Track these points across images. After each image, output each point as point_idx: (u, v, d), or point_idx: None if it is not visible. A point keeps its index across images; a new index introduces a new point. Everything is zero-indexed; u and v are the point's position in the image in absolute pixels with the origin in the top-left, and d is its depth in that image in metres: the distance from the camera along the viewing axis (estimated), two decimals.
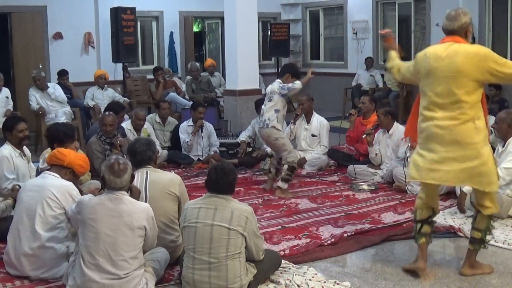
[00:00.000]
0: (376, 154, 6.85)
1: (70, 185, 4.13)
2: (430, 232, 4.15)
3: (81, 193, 4.33)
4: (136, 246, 3.58)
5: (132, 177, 3.74)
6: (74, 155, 4.28)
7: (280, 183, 6.28)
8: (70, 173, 4.22)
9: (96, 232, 3.52)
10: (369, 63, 12.21)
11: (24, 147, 5.32)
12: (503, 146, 5.32)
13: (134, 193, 3.90)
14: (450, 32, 3.94)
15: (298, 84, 6.12)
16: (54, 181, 4.12)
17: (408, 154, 6.32)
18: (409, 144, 6.05)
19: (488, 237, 4.13)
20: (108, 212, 3.55)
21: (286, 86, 6.11)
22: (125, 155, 6.01)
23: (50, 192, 4.02)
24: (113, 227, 3.52)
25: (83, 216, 3.59)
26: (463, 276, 4.07)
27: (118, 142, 6.36)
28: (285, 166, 6.39)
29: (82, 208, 3.63)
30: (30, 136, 5.80)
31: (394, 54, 4.31)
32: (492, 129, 5.66)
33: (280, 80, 6.21)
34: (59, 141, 5.08)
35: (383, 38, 4.42)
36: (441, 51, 3.89)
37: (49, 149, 5.95)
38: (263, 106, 6.32)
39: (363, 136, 6.88)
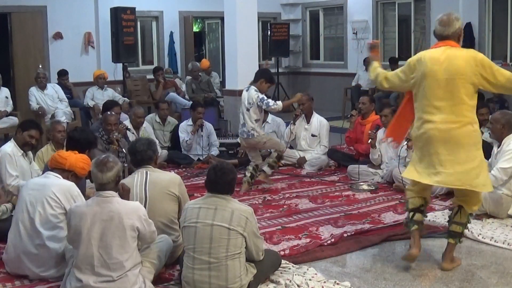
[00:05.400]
0: (378, 155, 6.85)
1: (71, 185, 4.13)
2: (422, 221, 4.23)
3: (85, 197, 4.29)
4: (129, 247, 3.52)
5: (119, 178, 3.67)
6: (74, 158, 4.26)
7: (265, 168, 6.53)
8: (72, 176, 4.22)
9: (87, 237, 3.48)
10: (368, 63, 12.18)
11: None
12: (498, 147, 5.31)
13: (125, 191, 3.83)
14: (444, 37, 4.02)
15: (279, 106, 6.23)
16: (56, 181, 4.12)
17: (405, 154, 6.32)
18: (406, 143, 6.07)
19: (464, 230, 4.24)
20: (97, 216, 3.49)
21: (265, 101, 6.17)
22: (124, 149, 6.02)
23: (51, 191, 4.02)
24: (104, 231, 3.47)
25: (74, 223, 3.56)
26: (446, 270, 4.14)
27: (115, 136, 6.35)
28: (273, 154, 6.61)
29: (71, 215, 3.59)
30: None
31: (376, 64, 4.44)
32: (487, 129, 5.68)
33: (255, 87, 6.25)
34: (80, 149, 4.69)
35: (371, 48, 4.52)
36: (439, 54, 3.96)
37: (43, 149, 5.98)
38: (241, 114, 6.37)
39: (369, 141, 6.85)
